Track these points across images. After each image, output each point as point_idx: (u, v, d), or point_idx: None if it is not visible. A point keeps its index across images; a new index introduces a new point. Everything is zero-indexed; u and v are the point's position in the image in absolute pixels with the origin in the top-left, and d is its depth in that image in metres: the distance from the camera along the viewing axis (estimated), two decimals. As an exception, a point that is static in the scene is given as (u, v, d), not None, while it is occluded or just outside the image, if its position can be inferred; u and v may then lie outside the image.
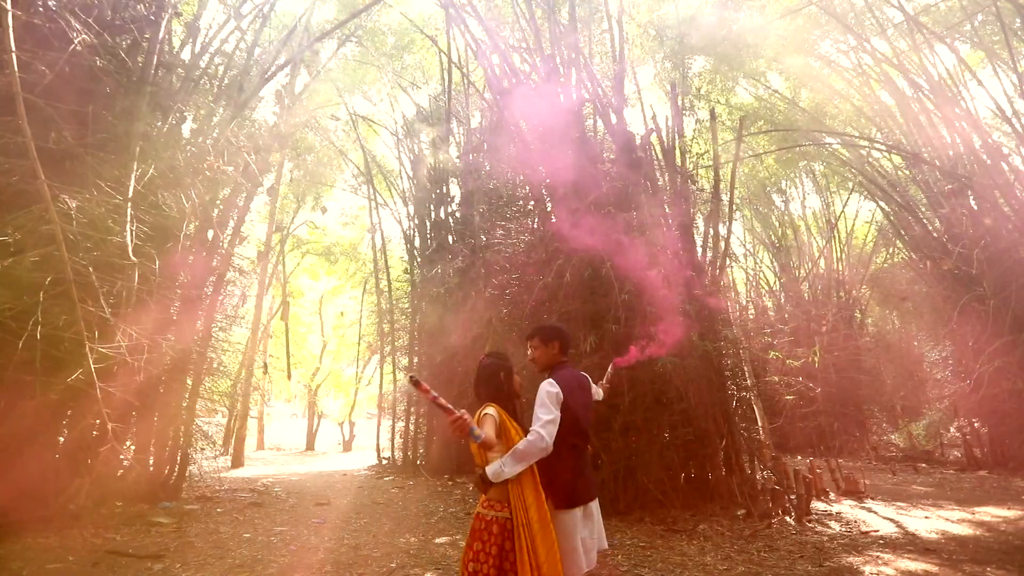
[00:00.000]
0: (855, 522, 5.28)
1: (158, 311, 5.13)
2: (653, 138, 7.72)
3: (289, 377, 14.91)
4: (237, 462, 11.83)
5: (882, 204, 13.19)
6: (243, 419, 12.53)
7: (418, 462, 10.49)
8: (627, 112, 8.42)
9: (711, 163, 8.60)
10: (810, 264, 16.20)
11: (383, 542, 5.02)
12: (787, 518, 5.27)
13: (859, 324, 15.01)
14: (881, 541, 4.53)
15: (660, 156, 7.67)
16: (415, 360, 10.98)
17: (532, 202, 7.98)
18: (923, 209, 11.82)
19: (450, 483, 8.81)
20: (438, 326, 9.36)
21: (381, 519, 6.13)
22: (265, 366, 13.30)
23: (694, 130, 9.39)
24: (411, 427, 10.73)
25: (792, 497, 5.47)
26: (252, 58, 7.68)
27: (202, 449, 7.65)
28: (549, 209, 7.42)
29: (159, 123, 5.57)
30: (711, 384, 5.88)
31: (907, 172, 12.45)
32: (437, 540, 5.11)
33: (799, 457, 11.57)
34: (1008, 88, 10.27)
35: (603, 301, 5.93)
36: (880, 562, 3.90)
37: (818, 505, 5.98)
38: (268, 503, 7.05)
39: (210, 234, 6.82)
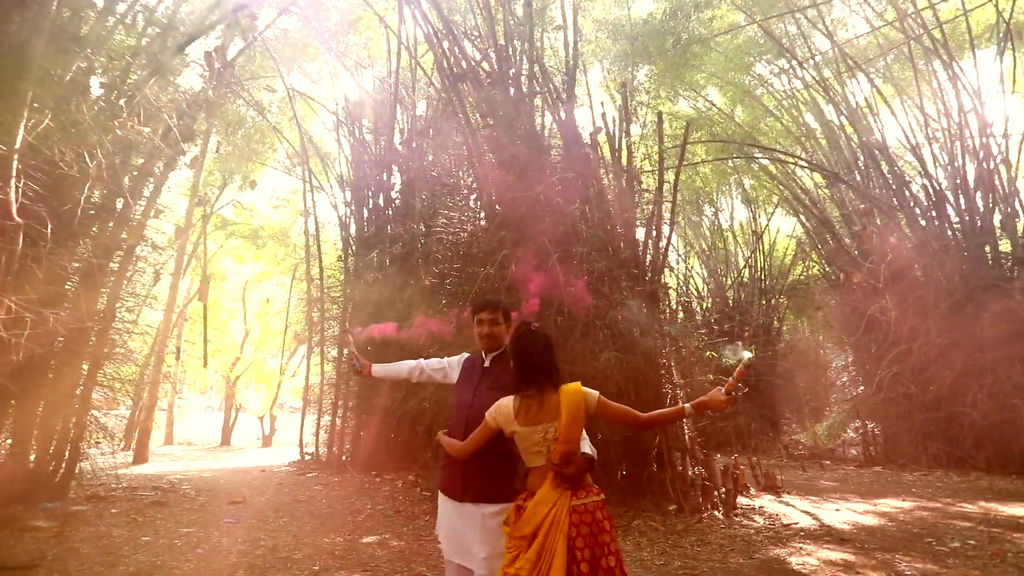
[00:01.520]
0: (776, 516, 5.52)
1: (48, 282, 4.47)
2: (601, 136, 7.77)
3: (205, 365, 13.82)
4: (140, 458, 10.79)
5: (803, 219, 14.12)
6: (149, 410, 11.45)
7: (344, 458, 10.02)
8: (577, 111, 8.46)
9: (655, 166, 8.81)
10: (736, 273, 17.05)
11: (305, 542, 4.66)
12: (716, 513, 5.42)
13: (777, 331, 15.99)
14: (802, 533, 4.75)
15: (607, 155, 7.73)
16: (345, 351, 10.48)
17: (477, 192, 7.79)
18: (838, 226, 12.77)
19: (378, 479, 8.44)
20: (372, 316, 8.95)
21: (303, 518, 5.73)
22: (178, 352, 12.22)
23: (640, 135, 9.58)
24: (338, 421, 10.23)
25: (721, 492, 5.65)
26: (179, 13, 6.96)
27: (97, 443, 6.84)
28: (494, 200, 7.27)
29: (59, 70, 4.87)
30: (649, 381, 5.96)
31: (826, 191, 13.42)
32: (365, 539, 4.81)
33: (719, 455, 12.11)
34: (913, 121, 11.30)
35: (548, 294, 5.87)
36: (804, 553, 4.07)
37: (741, 500, 6.22)
38: (174, 502, 6.41)
39: (120, 203, 6.10)
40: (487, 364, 2.30)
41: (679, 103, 13.28)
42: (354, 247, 10.67)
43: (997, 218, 10.12)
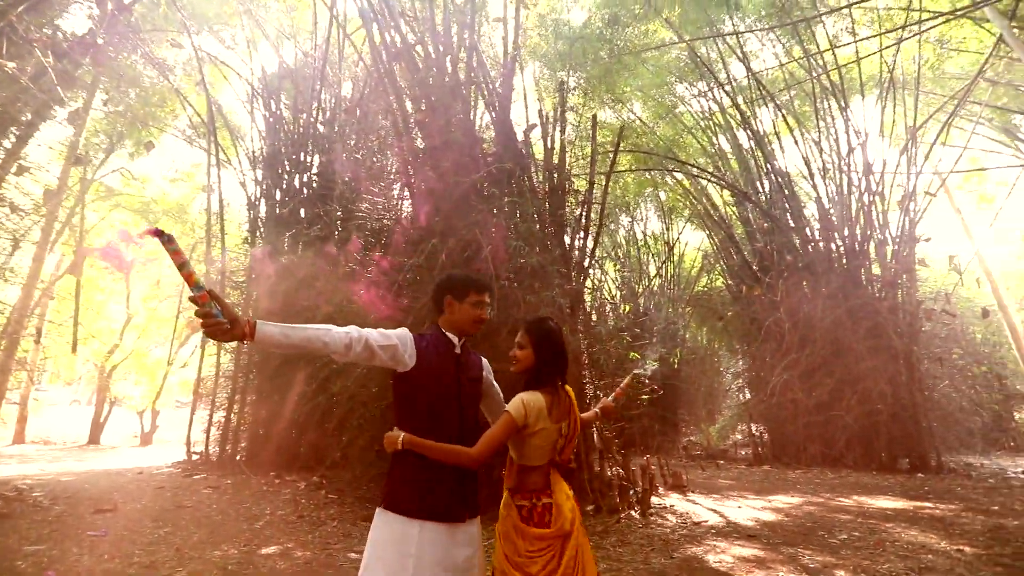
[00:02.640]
0: (687, 514, 5.72)
1: None
2: (536, 134, 7.73)
3: (74, 351, 12.05)
4: (-21, 459, 9.17)
5: (710, 234, 15.10)
6: (-4, 403, 9.79)
7: (239, 457, 9.16)
8: (512, 106, 8.34)
9: (583, 171, 8.94)
10: (647, 281, 17.86)
11: (191, 556, 4.09)
12: (632, 512, 5.52)
13: (681, 338, 16.95)
14: (713, 531, 4.94)
15: (540, 153, 7.69)
16: (246, 341, 9.60)
17: (405, 178, 7.42)
18: (742, 242, 13.77)
19: (278, 481, 7.77)
20: (282, 304, 8.26)
21: (189, 527, 5.07)
22: (38, 334, 10.55)
23: (573, 139, 9.68)
24: (234, 417, 9.34)
25: (638, 492, 5.76)
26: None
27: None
28: (423, 187, 6.96)
29: None
30: (572, 380, 5.96)
31: (733, 209, 14.43)
32: (264, 551, 4.33)
33: (622, 455, 12.57)
34: (810, 153, 12.45)
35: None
36: (719, 551, 4.21)
37: (653, 500, 6.41)
38: (20, 513, 5.42)
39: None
40: (458, 351, 1.96)
41: (607, 112, 13.65)
42: (263, 230, 9.82)
43: (872, 245, 11.39)
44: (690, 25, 10.70)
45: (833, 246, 11.64)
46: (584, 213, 7.41)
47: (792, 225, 12.21)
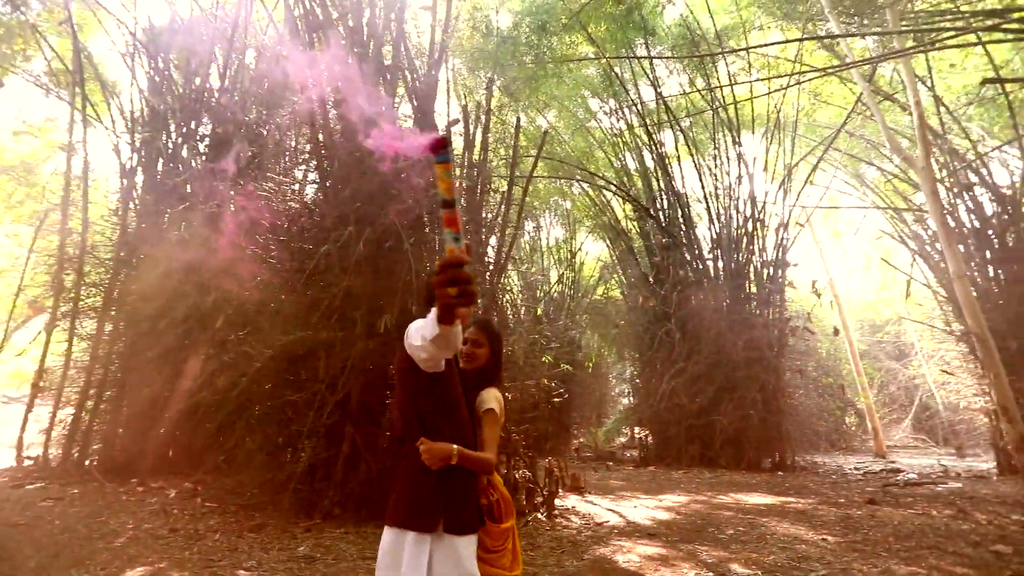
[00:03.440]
0: (589, 515, 5.88)
1: None
2: (457, 129, 7.57)
3: None
4: None
5: (611, 245, 15.90)
6: None
7: (89, 463, 7.90)
8: (436, 99, 8.11)
9: (501, 173, 8.94)
10: (548, 287, 18.34)
11: (30, 583, 3.39)
12: (539, 515, 5.55)
13: (577, 344, 17.62)
14: (616, 531, 5.11)
15: (461, 150, 7.55)
16: (107, 326, 8.34)
17: (316, 159, 6.87)
18: (641, 255, 14.62)
19: (141, 489, 6.78)
20: (157, 287, 7.27)
21: (22, 549, 4.22)
22: None
23: (492, 141, 9.63)
24: (84, 415, 8.03)
25: (544, 494, 5.81)
26: None
27: None
28: (338, 171, 6.49)
29: None
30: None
31: (635, 223, 15.30)
32: (128, 574, 3.71)
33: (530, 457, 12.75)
34: (705, 176, 13.57)
35: (386, 282, 5.39)
36: (625, 550, 4.35)
37: (556, 501, 6.52)
38: None
39: None
40: None
41: (525, 118, 13.82)
42: (138, 202, 8.60)
43: (752, 267, 12.67)
44: (609, 43, 11.18)
45: (720, 264, 12.75)
46: (503, 213, 7.39)
47: (686, 242, 13.22)
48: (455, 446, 1.65)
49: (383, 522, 1.71)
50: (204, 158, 8.44)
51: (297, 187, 6.82)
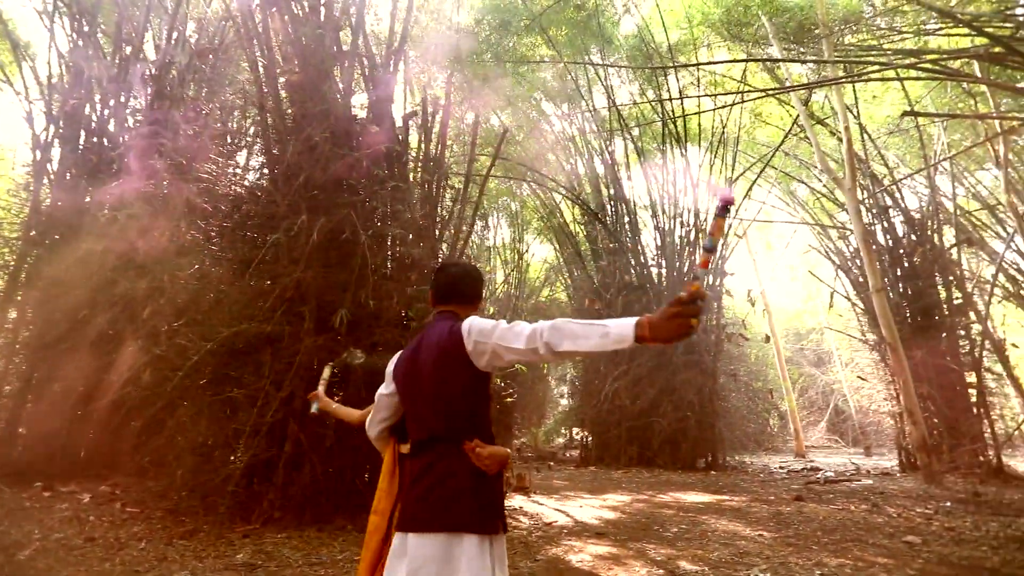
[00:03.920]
0: (537, 515, 5.90)
1: None
2: (414, 122, 7.40)
3: None
4: None
5: (558, 248, 16.11)
6: None
7: (-15, 465, 7.08)
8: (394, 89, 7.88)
9: (460, 167, 8.82)
10: (495, 288, 18.34)
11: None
12: (489, 515, 5.49)
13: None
14: (565, 531, 5.15)
15: (418, 143, 7.38)
16: (14, 314, 7.52)
17: (264, 143, 6.50)
18: (587, 259, 14.91)
19: (47, 494, 6.14)
20: (76, 273, 6.62)
21: (-94, 562, 3.71)
22: None
23: (452, 135, 9.51)
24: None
25: (494, 494, 5.77)
26: None
27: None
28: (287, 157, 6.16)
29: None
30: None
31: (583, 227, 15.58)
32: (37, 586, 3.33)
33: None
34: (652, 184, 14.04)
35: (338, 275, 5.17)
36: (576, 550, 4.38)
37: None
38: None
39: None
40: None
41: (482, 116, 13.73)
42: (54, 177, 7.81)
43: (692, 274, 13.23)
44: (567, 48, 11.32)
45: (664, 271, 13.21)
46: (459, 210, 7.29)
47: (631, 248, 13.61)
48: (506, 448, 1.67)
49: (333, 525, 1.67)
50: (135, 134, 7.78)
51: (241, 172, 6.40)
